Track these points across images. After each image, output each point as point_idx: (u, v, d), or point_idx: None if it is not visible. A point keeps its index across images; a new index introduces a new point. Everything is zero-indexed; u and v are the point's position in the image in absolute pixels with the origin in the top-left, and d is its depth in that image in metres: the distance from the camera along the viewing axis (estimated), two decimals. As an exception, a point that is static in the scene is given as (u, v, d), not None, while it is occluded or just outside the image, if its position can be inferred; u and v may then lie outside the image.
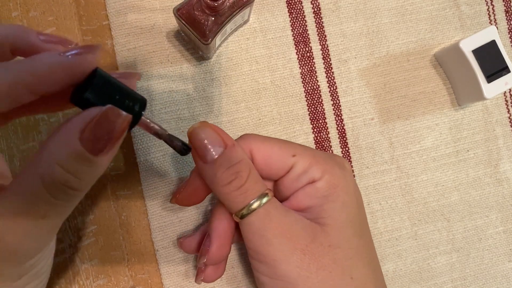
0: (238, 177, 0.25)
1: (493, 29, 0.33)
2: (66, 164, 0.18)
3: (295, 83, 0.35)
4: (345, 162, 0.28)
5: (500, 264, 0.37)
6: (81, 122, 0.19)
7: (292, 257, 0.25)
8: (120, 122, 0.19)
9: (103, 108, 0.19)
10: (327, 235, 0.25)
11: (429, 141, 0.36)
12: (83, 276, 0.33)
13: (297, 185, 0.27)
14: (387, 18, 0.36)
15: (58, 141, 0.19)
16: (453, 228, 0.36)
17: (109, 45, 0.33)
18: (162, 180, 0.33)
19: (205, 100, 0.34)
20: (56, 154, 0.19)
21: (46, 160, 0.19)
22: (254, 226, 0.25)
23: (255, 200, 0.25)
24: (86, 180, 0.20)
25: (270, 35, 0.35)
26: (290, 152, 0.27)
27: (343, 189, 0.27)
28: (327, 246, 0.25)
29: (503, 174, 0.37)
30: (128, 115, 0.19)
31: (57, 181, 0.19)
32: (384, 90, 0.36)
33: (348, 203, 0.27)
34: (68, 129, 0.19)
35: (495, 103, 0.37)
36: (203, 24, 0.29)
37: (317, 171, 0.26)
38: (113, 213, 0.33)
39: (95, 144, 0.19)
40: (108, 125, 0.19)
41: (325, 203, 0.26)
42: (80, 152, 0.18)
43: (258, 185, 0.26)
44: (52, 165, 0.18)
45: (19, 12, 0.33)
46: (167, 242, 0.33)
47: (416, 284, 0.36)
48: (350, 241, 0.26)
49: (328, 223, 0.26)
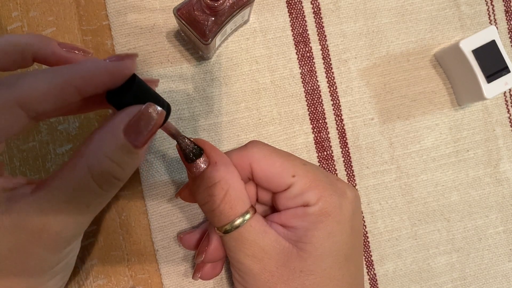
0: (210, 200, 0.26)
1: (493, 29, 0.33)
2: (113, 156, 0.21)
3: (295, 83, 0.35)
4: (347, 189, 0.28)
5: (500, 264, 0.37)
6: (126, 117, 0.21)
7: (261, 277, 0.26)
8: (157, 117, 0.22)
9: (143, 105, 0.22)
10: (302, 260, 0.26)
11: (429, 141, 0.36)
12: (83, 276, 0.33)
13: (290, 204, 0.27)
14: (387, 18, 0.36)
15: (104, 135, 0.21)
16: (453, 228, 0.36)
17: (109, 45, 0.33)
18: (162, 180, 0.33)
19: (205, 100, 0.34)
20: (103, 147, 0.21)
21: (94, 152, 0.21)
22: (233, 243, 0.26)
23: (238, 217, 0.26)
24: (128, 170, 0.22)
25: (270, 35, 0.35)
26: (290, 172, 0.27)
27: (335, 217, 0.26)
28: (298, 271, 0.26)
29: (503, 174, 0.37)
30: (163, 111, 0.22)
31: (105, 171, 0.21)
32: (384, 90, 0.36)
33: (336, 233, 0.26)
34: (113, 124, 0.21)
35: (495, 103, 0.37)
36: (203, 24, 0.29)
37: (313, 196, 0.26)
38: (113, 213, 0.33)
39: (137, 137, 0.21)
40: (148, 120, 0.21)
41: (311, 229, 0.26)
42: (125, 144, 0.21)
43: (238, 205, 0.26)
44: (100, 157, 0.21)
45: (19, 12, 0.33)
46: (167, 242, 0.33)
47: (416, 284, 0.36)
48: (328, 270, 0.26)
49: (307, 249, 0.26)
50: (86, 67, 0.21)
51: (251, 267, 0.26)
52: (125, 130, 0.21)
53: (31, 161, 0.32)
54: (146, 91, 0.23)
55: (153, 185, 0.33)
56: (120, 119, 0.21)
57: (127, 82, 0.22)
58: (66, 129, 0.33)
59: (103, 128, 0.21)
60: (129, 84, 0.22)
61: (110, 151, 0.21)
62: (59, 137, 0.33)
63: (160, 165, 0.33)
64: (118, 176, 0.22)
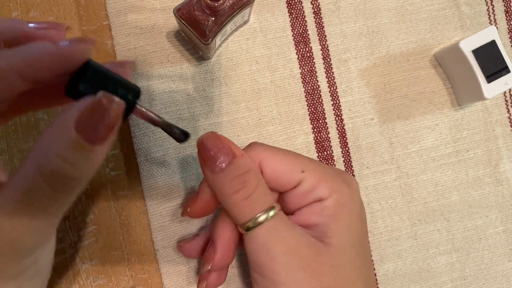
0: (246, 186, 0.24)
1: (493, 29, 0.33)
2: (63, 154, 0.18)
3: (295, 83, 0.35)
4: (352, 180, 0.28)
5: (500, 264, 0.37)
6: (76, 111, 0.19)
7: (295, 276, 0.24)
8: (114, 108, 0.19)
9: (97, 95, 0.19)
10: (331, 254, 0.25)
11: (429, 141, 0.36)
12: (83, 276, 0.33)
13: (303, 202, 0.27)
14: (387, 18, 0.36)
15: (54, 131, 0.19)
16: (453, 228, 0.36)
17: (109, 45, 0.33)
18: (162, 180, 0.33)
19: (205, 100, 0.34)
20: (52, 144, 0.19)
21: (43, 151, 0.19)
22: (260, 241, 0.25)
23: (262, 213, 0.24)
24: (84, 169, 0.19)
25: (270, 35, 0.35)
26: (299, 168, 0.26)
27: (349, 208, 0.26)
28: (329, 266, 0.25)
29: (503, 174, 0.37)
30: (121, 101, 0.19)
31: (55, 171, 0.19)
32: (384, 90, 0.36)
33: (353, 224, 0.26)
34: (63, 119, 0.19)
35: (495, 103, 0.37)
36: (203, 24, 0.29)
37: (325, 189, 0.26)
38: (113, 213, 0.33)
39: (91, 132, 0.19)
40: (102, 112, 0.19)
41: (331, 222, 0.26)
42: (77, 141, 0.18)
43: (266, 197, 0.25)
44: (49, 155, 0.18)
45: (19, 12, 0.33)
46: (167, 242, 0.33)
47: (416, 284, 0.36)
48: (352, 263, 0.26)
49: (333, 242, 0.25)
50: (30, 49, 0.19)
51: (285, 265, 0.24)
52: (77, 124, 0.18)
53: (31, 161, 0.32)
54: (105, 77, 0.20)
55: (153, 185, 0.33)
56: (71, 112, 0.19)
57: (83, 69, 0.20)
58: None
59: (53, 122, 0.19)
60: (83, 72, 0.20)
61: (60, 148, 0.18)
62: (59, 137, 0.33)
63: (160, 165, 0.33)
64: (71, 176, 0.19)
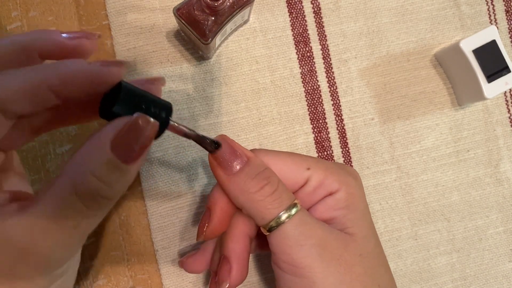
0: (270, 181, 0.24)
1: (493, 29, 0.33)
2: (99, 173, 0.19)
3: (295, 83, 0.35)
4: (355, 172, 0.28)
5: (500, 264, 0.37)
6: (112, 131, 0.19)
7: (330, 268, 0.24)
8: (148, 129, 0.20)
9: (133, 116, 0.20)
10: (357, 244, 0.25)
11: (429, 141, 0.36)
12: (83, 276, 0.33)
13: (315, 198, 0.27)
14: (387, 18, 0.36)
15: (89, 150, 0.19)
16: (454, 228, 0.36)
17: (108, 45, 0.33)
18: (162, 180, 0.33)
19: (205, 100, 0.34)
20: (88, 163, 0.19)
21: (78, 169, 0.19)
22: (291, 236, 0.24)
23: (284, 212, 0.24)
24: (117, 188, 0.20)
25: (270, 35, 0.35)
26: (304, 165, 0.26)
27: (359, 198, 0.27)
28: (358, 255, 0.25)
29: (504, 174, 0.37)
30: (155, 122, 0.20)
31: (90, 190, 0.19)
32: (384, 90, 0.36)
33: (365, 212, 0.27)
34: (99, 138, 0.19)
35: (496, 103, 0.37)
36: (203, 24, 0.29)
37: (334, 182, 0.26)
38: (113, 213, 0.33)
39: (126, 152, 0.19)
40: (137, 133, 0.19)
41: (348, 213, 0.26)
42: (112, 161, 0.19)
43: (289, 193, 0.25)
44: (85, 174, 0.19)
45: (19, 12, 0.33)
46: (167, 242, 0.33)
47: (416, 284, 0.36)
48: (375, 250, 0.26)
49: (355, 232, 0.26)
50: (64, 67, 0.20)
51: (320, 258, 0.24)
52: (113, 144, 0.19)
53: (31, 161, 0.32)
54: (138, 97, 0.21)
55: (153, 185, 0.33)
56: (106, 132, 0.19)
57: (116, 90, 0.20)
58: (66, 129, 0.33)
59: (89, 141, 0.20)
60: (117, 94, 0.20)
61: (95, 168, 0.19)
62: (59, 137, 0.33)
63: (160, 165, 0.33)
64: (105, 195, 0.20)
